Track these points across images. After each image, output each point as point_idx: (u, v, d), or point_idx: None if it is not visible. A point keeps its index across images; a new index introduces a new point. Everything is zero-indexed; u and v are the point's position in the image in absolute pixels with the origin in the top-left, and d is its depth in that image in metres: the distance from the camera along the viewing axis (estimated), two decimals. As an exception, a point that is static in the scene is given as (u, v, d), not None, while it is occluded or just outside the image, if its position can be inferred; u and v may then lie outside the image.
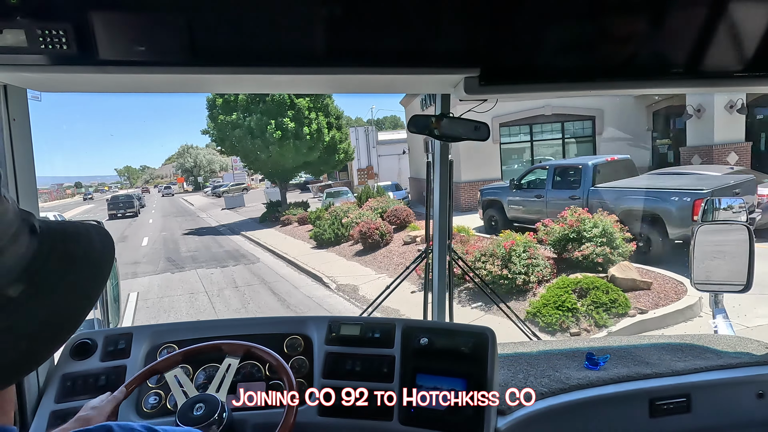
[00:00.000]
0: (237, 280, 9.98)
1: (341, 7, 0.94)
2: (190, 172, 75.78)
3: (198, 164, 75.89)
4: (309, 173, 23.02)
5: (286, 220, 17.48)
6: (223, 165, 76.38)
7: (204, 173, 74.88)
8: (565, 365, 1.49)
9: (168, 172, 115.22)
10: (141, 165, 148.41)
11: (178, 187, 74.30)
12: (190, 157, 76.71)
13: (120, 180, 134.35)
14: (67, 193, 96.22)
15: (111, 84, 1.12)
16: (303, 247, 12.89)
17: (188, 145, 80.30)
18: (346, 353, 1.37)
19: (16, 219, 0.51)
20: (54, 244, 0.54)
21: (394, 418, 1.26)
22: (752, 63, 1.05)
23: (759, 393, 1.39)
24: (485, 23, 0.99)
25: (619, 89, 1.16)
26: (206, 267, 11.54)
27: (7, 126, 1.16)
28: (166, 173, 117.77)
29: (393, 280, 2.21)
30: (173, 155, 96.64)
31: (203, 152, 77.22)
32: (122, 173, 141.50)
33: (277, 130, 17.52)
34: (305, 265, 10.46)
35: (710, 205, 1.85)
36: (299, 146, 18.07)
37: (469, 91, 1.07)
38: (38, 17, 0.86)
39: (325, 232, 12.49)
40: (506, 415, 1.26)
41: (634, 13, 1.00)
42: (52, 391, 1.30)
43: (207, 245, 15.24)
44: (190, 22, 0.93)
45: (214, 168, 76.44)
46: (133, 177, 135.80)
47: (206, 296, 8.88)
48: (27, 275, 0.50)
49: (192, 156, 76.72)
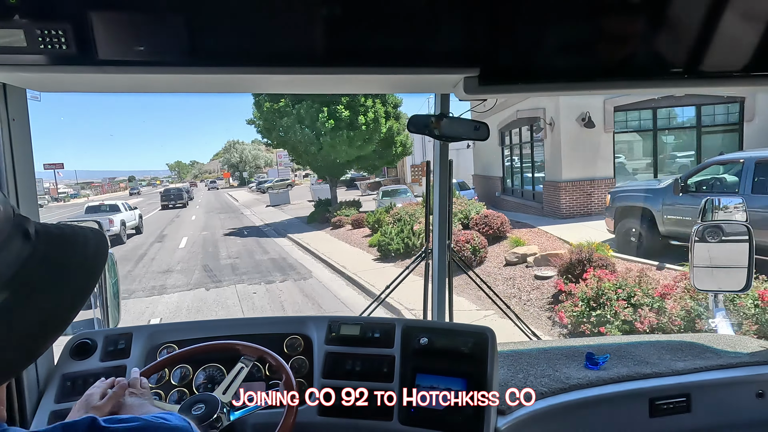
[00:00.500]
0: (285, 305, 7.76)
1: (341, 7, 0.94)
2: (235, 167, 75.94)
3: (243, 159, 75.83)
4: (362, 169, 20.64)
5: (338, 221, 15.33)
6: (267, 160, 76.73)
7: (249, 169, 74.92)
8: (565, 365, 1.48)
9: (215, 167, 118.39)
10: (191, 160, 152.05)
11: (224, 182, 75.49)
12: (235, 152, 77.01)
13: (171, 174, 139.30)
14: (120, 187, 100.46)
15: (110, 84, 1.12)
16: (363, 259, 10.55)
17: (234, 141, 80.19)
18: (346, 353, 1.37)
19: (7, 225, 0.51)
20: (49, 249, 0.54)
21: (394, 418, 1.26)
22: (752, 63, 1.04)
23: (759, 393, 1.40)
24: (485, 23, 0.99)
25: (618, 89, 1.15)
26: (248, 281, 9.46)
27: (7, 126, 1.17)
28: (214, 168, 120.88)
29: (392, 281, 2.19)
30: (220, 151, 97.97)
31: (248, 148, 77.23)
32: (173, 168, 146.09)
33: (330, 119, 15.29)
34: (372, 287, 8.04)
35: (710, 204, 1.84)
36: (353, 138, 15.75)
37: (469, 91, 1.07)
38: (37, 17, 0.86)
39: (391, 242, 10.09)
40: (506, 415, 1.26)
41: (633, 13, 0.99)
42: (52, 391, 1.30)
43: (250, 249, 13.24)
44: (190, 22, 0.93)
45: (259, 163, 76.36)
46: (182, 172, 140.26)
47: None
48: (16, 282, 0.50)
49: (238, 151, 76.95)
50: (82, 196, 71.64)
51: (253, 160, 75.83)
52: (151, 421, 0.61)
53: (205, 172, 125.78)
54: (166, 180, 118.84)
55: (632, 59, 1.04)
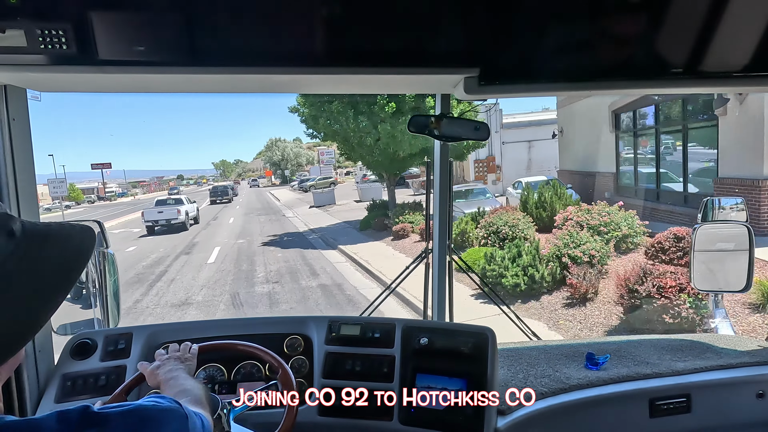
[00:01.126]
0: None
1: (341, 7, 0.93)
2: (277, 165, 75.68)
3: (285, 157, 75.50)
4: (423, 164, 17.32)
5: (401, 230, 12.10)
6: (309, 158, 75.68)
7: (291, 166, 74.24)
8: (565, 365, 1.47)
9: (258, 165, 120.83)
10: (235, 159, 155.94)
11: (266, 180, 75.33)
12: (277, 150, 76.75)
13: (216, 173, 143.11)
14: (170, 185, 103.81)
15: (111, 84, 1.11)
16: (460, 294, 7.20)
17: (276, 139, 79.99)
18: (346, 353, 1.36)
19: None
20: (30, 247, 0.55)
21: (394, 418, 1.26)
22: (752, 63, 1.03)
23: (759, 393, 1.39)
24: (485, 24, 0.99)
25: (619, 89, 1.15)
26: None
27: (7, 126, 1.16)
28: (257, 167, 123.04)
29: (393, 281, 2.16)
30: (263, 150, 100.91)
31: (290, 145, 77.05)
32: (218, 167, 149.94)
33: (391, 102, 12.10)
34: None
35: (710, 204, 1.83)
36: (420, 125, 12.46)
37: (469, 91, 1.06)
38: (38, 17, 0.86)
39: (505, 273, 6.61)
40: (506, 415, 1.25)
41: (633, 13, 0.99)
42: (52, 391, 1.30)
43: (293, 269, 10.27)
44: (190, 22, 0.92)
45: (300, 161, 75.81)
46: (227, 170, 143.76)
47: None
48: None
49: (280, 149, 76.71)
50: (130, 195, 73.23)
51: (294, 157, 75.31)
52: (143, 404, 0.64)
53: (248, 171, 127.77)
54: (212, 179, 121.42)
55: (632, 59, 1.04)
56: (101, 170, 67.29)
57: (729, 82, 1.07)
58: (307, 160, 74.85)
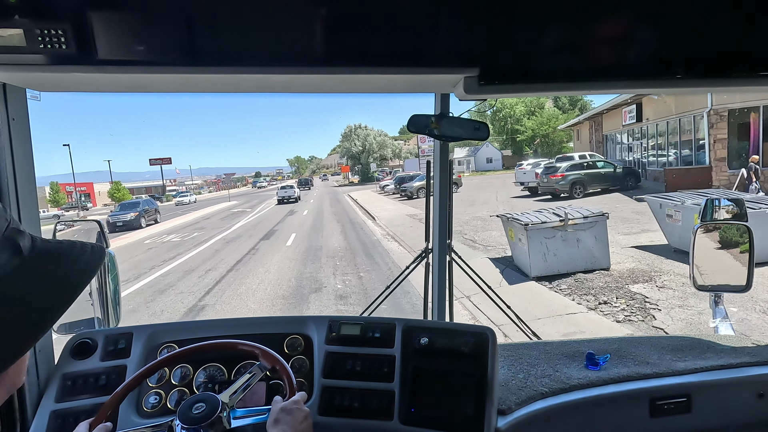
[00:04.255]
0: None
1: (341, 7, 0.94)
2: (357, 158, 59.14)
3: (367, 148, 58.14)
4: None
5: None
6: (396, 150, 59.31)
7: (374, 160, 58.56)
8: (565, 365, 1.48)
9: (333, 161, 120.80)
10: (309, 155, 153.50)
11: (342, 177, 61.69)
12: (357, 139, 59.27)
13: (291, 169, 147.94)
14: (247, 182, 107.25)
15: (110, 84, 1.13)
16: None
17: (356, 125, 61.75)
18: (346, 353, 1.37)
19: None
20: (37, 264, 0.54)
21: (394, 417, 1.26)
22: (751, 63, 1.05)
23: (759, 393, 1.39)
24: (484, 23, 1.00)
25: (619, 89, 1.16)
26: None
27: (7, 126, 1.17)
28: (331, 163, 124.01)
29: (393, 281, 2.21)
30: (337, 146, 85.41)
31: (373, 133, 59.47)
32: (293, 163, 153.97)
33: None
34: None
35: (710, 204, 1.84)
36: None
37: (469, 91, 1.07)
38: (37, 17, 0.87)
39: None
40: (506, 415, 1.26)
41: (633, 13, 1.00)
42: (52, 391, 1.31)
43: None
44: (190, 22, 0.93)
45: (385, 153, 59.74)
46: (301, 166, 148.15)
47: None
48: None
49: (360, 138, 59.14)
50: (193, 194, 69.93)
51: (378, 149, 58.68)
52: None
53: (322, 167, 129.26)
54: (287, 175, 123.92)
55: (632, 59, 1.05)
56: (160, 165, 61.53)
57: (729, 82, 1.09)
58: (394, 152, 59.55)
